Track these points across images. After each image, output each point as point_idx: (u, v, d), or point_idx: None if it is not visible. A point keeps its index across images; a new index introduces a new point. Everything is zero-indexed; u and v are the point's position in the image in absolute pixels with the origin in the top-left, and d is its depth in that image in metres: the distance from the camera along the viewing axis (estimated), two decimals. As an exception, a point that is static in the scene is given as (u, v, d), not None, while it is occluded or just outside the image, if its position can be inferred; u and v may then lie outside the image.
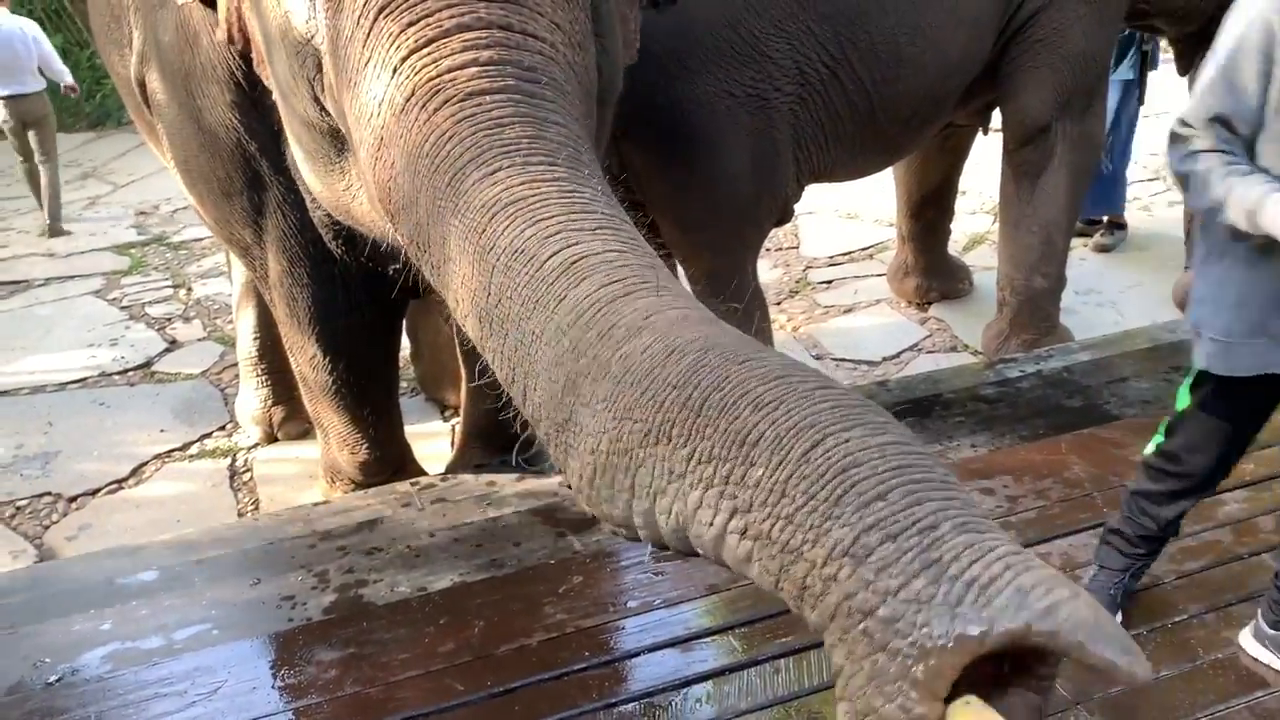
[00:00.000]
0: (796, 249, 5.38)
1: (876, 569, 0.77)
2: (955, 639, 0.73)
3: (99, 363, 4.43)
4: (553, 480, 2.61)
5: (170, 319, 4.92)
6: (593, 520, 1.05)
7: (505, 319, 1.08)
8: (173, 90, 2.19)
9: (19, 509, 3.36)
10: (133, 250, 6.04)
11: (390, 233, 1.40)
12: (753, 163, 2.95)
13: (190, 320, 4.90)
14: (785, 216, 3.25)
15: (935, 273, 4.51)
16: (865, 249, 5.31)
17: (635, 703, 1.94)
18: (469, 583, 2.28)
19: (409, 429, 2.96)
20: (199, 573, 2.36)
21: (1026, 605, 0.72)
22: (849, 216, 5.76)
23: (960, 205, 4.65)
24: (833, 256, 5.25)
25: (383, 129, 1.27)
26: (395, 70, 1.25)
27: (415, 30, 1.25)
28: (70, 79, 6.90)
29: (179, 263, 5.78)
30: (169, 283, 5.44)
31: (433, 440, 3.54)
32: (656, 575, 2.26)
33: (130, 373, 4.34)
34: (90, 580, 2.34)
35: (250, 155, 2.17)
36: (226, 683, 2.02)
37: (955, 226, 4.61)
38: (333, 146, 1.63)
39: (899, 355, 4.13)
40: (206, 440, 3.75)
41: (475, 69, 1.22)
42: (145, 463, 3.60)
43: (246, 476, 3.51)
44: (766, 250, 5.10)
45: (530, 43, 1.27)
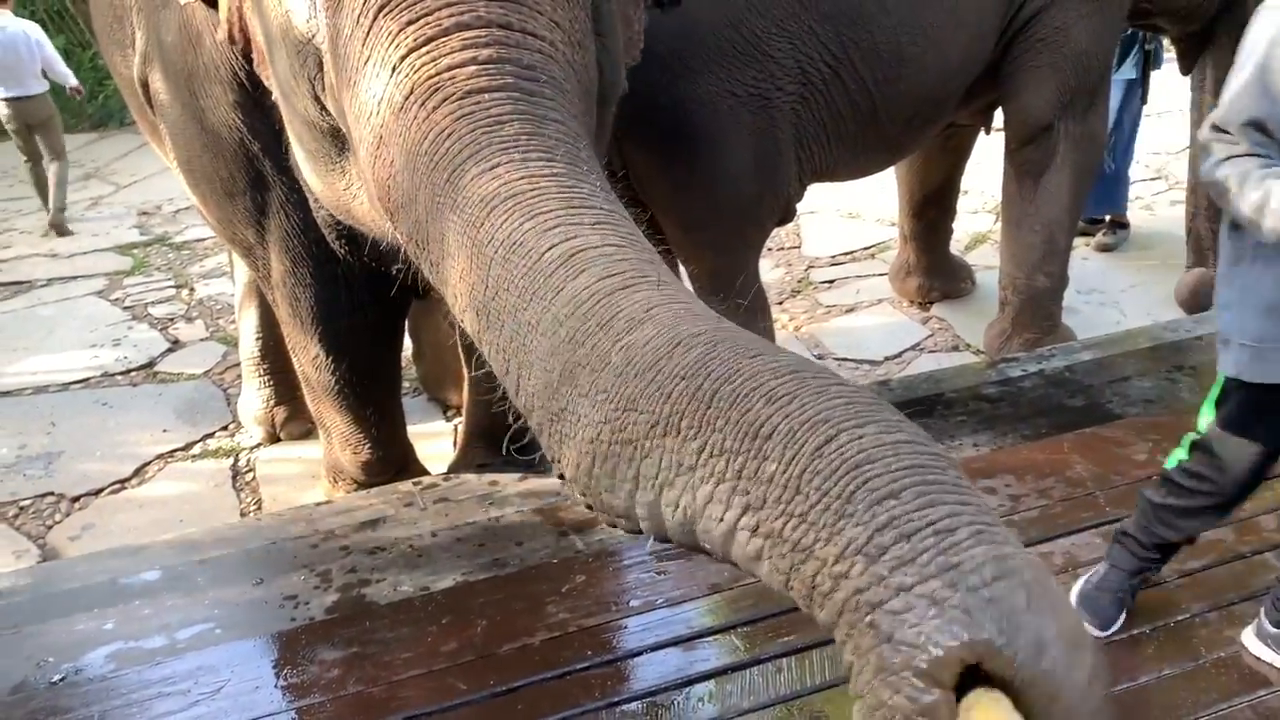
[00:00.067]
0: (798, 248, 5.37)
1: (891, 566, 0.76)
2: (965, 641, 0.73)
3: (102, 363, 4.43)
4: (555, 480, 2.60)
5: (173, 319, 4.93)
6: (595, 520, 1.05)
7: (502, 311, 1.08)
8: (175, 90, 2.19)
9: (22, 509, 3.37)
10: (135, 250, 6.05)
11: (390, 232, 1.40)
12: (755, 162, 2.95)
13: (193, 320, 4.90)
14: (787, 216, 3.25)
15: (937, 272, 4.51)
16: (867, 248, 5.31)
17: (638, 702, 1.94)
18: (471, 582, 2.28)
19: (411, 429, 2.96)
20: (202, 572, 2.36)
21: (1045, 650, 0.73)
22: (851, 216, 5.76)
23: (962, 204, 4.65)
24: (835, 256, 5.25)
25: (382, 127, 1.27)
26: (394, 68, 1.25)
27: (415, 29, 1.25)
28: (74, 81, 6.88)
29: (181, 263, 5.78)
30: (171, 283, 5.45)
31: (435, 440, 3.55)
32: (659, 574, 2.26)
33: (133, 373, 4.34)
34: (93, 580, 2.34)
35: (253, 155, 2.17)
36: (229, 682, 2.02)
37: (957, 226, 4.61)
38: (333, 146, 1.63)
39: (901, 355, 4.13)
40: (209, 440, 3.76)
41: (474, 67, 1.22)
42: (148, 463, 3.60)
43: (249, 476, 3.51)
44: (768, 250, 5.10)
45: (530, 41, 1.27)
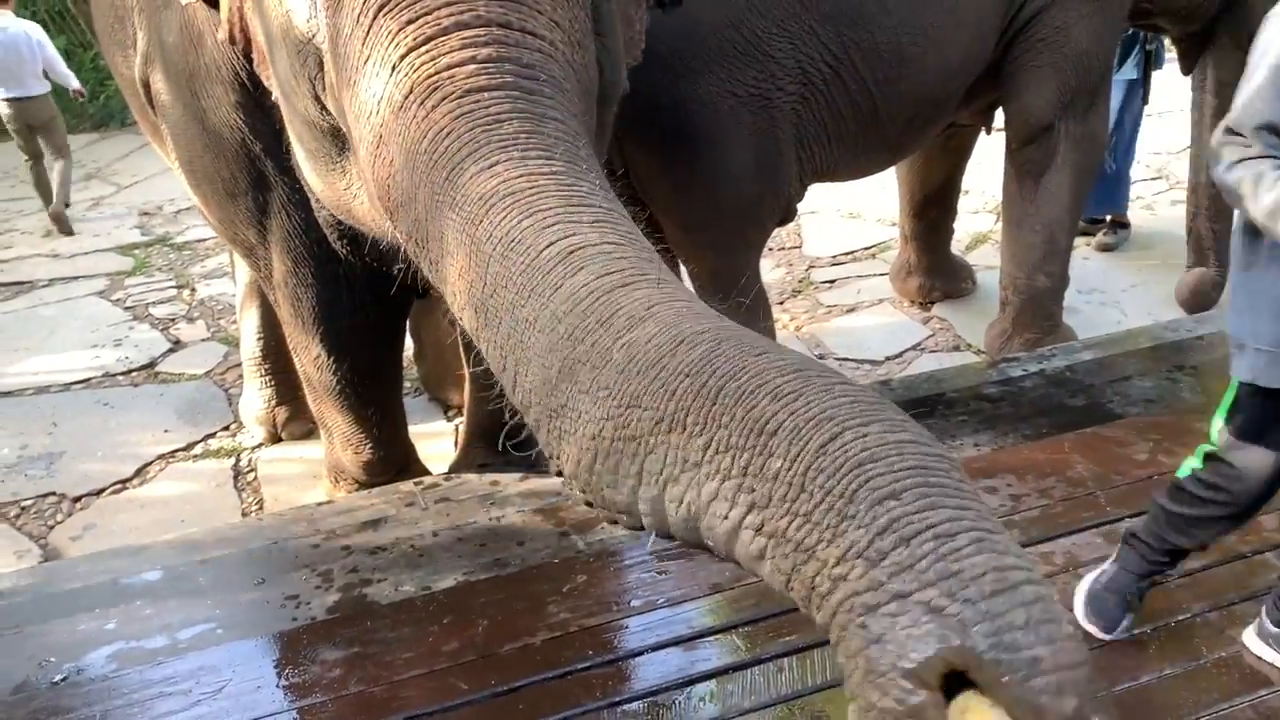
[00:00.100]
0: (799, 248, 5.37)
1: (890, 572, 0.76)
2: (955, 647, 0.73)
3: (103, 363, 4.43)
4: (556, 480, 2.61)
5: (174, 319, 4.93)
6: (596, 520, 1.05)
7: (499, 308, 1.08)
8: (177, 91, 2.19)
9: (24, 509, 3.37)
10: (137, 251, 6.05)
11: (390, 231, 1.40)
12: (756, 162, 2.95)
13: (194, 321, 4.90)
14: (788, 216, 3.25)
15: (938, 272, 4.51)
16: (868, 248, 5.31)
17: (639, 701, 1.94)
18: (473, 582, 2.28)
19: (412, 429, 2.96)
20: (203, 572, 2.36)
21: (1037, 672, 0.72)
22: (851, 216, 5.76)
23: (963, 204, 4.65)
24: (835, 256, 5.25)
25: (381, 126, 1.27)
26: (394, 68, 1.26)
27: (414, 28, 1.25)
28: (76, 83, 6.89)
29: (183, 263, 5.78)
30: (173, 283, 5.45)
31: (436, 440, 3.55)
32: (660, 574, 2.26)
33: (134, 373, 4.35)
34: (95, 580, 2.34)
35: (255, 156, 2.17)
36: (231, 682, 2.02)
37: (958, 226, 4.61)
38: (334, 146, 1.63)
39: (902, 355, 4.13)
40: (210, 440, 3.76)
41: (474, 66, 1.22)
42: (149, 463, 3.60)
43: (250, 476, 3.51)
44: (769, 250, 5.10)
45: (529, 40, 1.27)
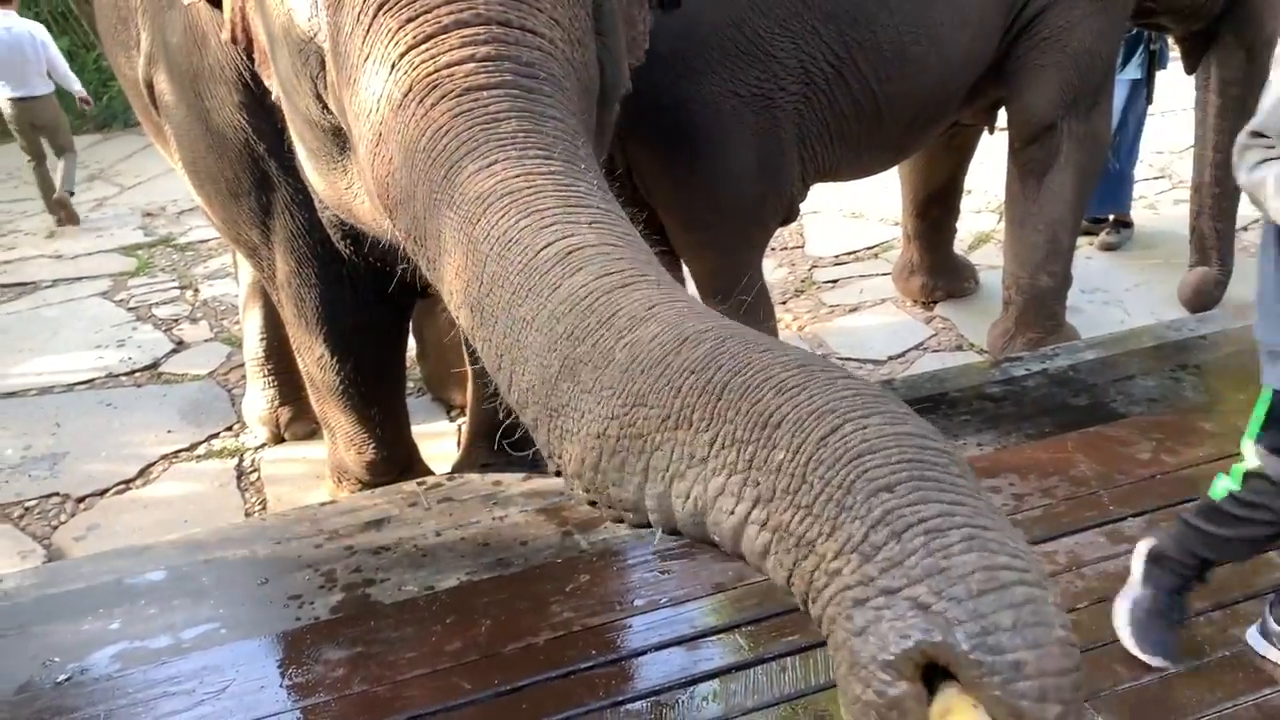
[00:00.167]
0: (802, 248, 5.37)
1: (881, 568, 0.76)
2: (938, 643, 0.73)
3: (106, 364, 4.44)
4: (559, 480, 2.61)
5: (177, 320, 4.93)
6: (599, 519, 1.05)
7: (496, 306, 1.08)
8: (180, 91, 2.20)
9: (27, 509, 3.38)
10: (140, 251, 6.06)
11: (389, 229, 1.40)
12: (758, 162, 2.95)
13: (197, 321, 4.91)
14: (790, 216, 3.25)
15: (941, 271, 4.51)
16: (870, 248, 5.30)
17: (642, 701, 1.94)
18: (476, 582, 2.28)
19: (415, 429, 2.96)
20: (207, 572, 2.36)
21: (1021, 676, 0.72)
22: (854, 215, 5.75)
23: (966, 204, 4.65)
24: (838, 255, 5.24)
25: (381, 124, 1.28)
26: (394, 66, 1.26)
27: (414, 26, 1.25)
28: (79, 85, 6.91)
29: (186, 264, 5.79)
30: (176, 284, 5.46)
31: (439, 440, 3.55)
32: (663, 574, 2.26)
33: (137, 374, 4.35)
34: (98, 580, 2.35)
35: (258, 156, 2.17)
36: (234, 681, 2.02)
37: (961, 225, 4.60)
38: (335, 145, 1.63)
39: (904, 354, 4.12)
40: (214, 441, 3.76)
41: (473, 64, 1.22)
42: (153, 463, 3.61)
43: (254, 477, 3.51)
44: (771, 249, 5.10)
45: (528, 38, 1.27)
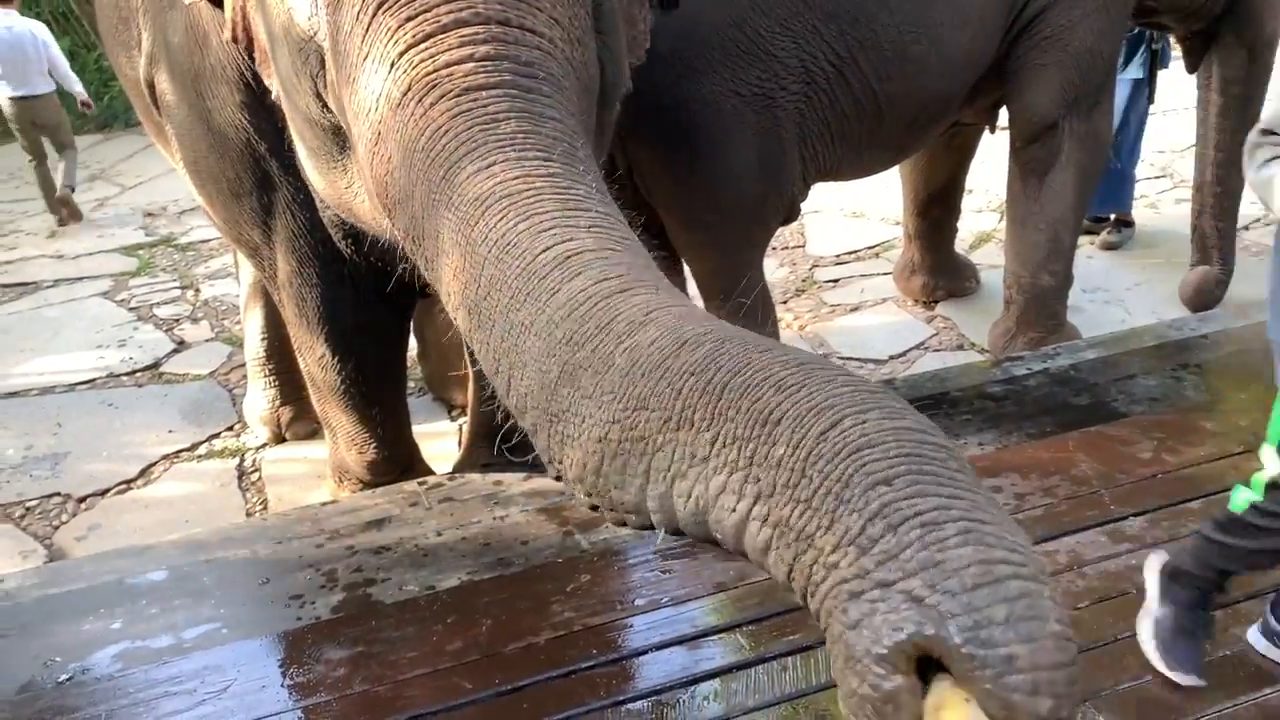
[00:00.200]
0: (803, 248, 5.37)
1: (877, 560, 0.77)
2: (931, 635, 0.73)
3: (107, 364, 4.44)
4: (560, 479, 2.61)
5: (178, 320, 4.93)
6: (600, 519, 1.05)
7: (494, 310, 1.08)
8: (182, 91, 2.20)
9: (29, 509, 3.38)
10: (141, 251, 6.06)
11: (389, 228, 1.40)
12: (759, 162, 2.95)
13: (198, 321, 4.91)
14: (791, 215, 3.25)
15: (942, 271, 4.50)
16: (871, 247, 5.30)
17: (643, 700, 1.94)
18: (476, 581, 2.28)
19: (416, 429, 2.96)
20: (208, 572, 2.37)
21: (1013, 670, 0.72)
22: (855, 215, 5.75)
23: (967, 203, 4.64)
24: (839, 255, 5.24)
25: (380, 123, 1.28)
26: (393, 65, 1.26)
27: (413, 25, 1.25)
28: (80, 86, 6.93)
29: (187, 264, 5.79)
30: (177, 284, 5.46)
31: (440, 440, 3.55)
32: (664, 573, 2.26)
33: (138, 374, 4.35)
34: (100, 580, 2.35)
35: (260, 156, 2.17)
36: (236, 681, 2.03)
37: (962, 224, 4.60)
38: (335, 144, 1.63)
39: (906, 354, 4.12)
40: (215, 440, 3.77)
41: (472, 64, 1.22)
42: (154, 463, 3.61)
43: (255, 476, 3.52)
44: (773, 249, 5.10)
45: (528, 38, 1.27)
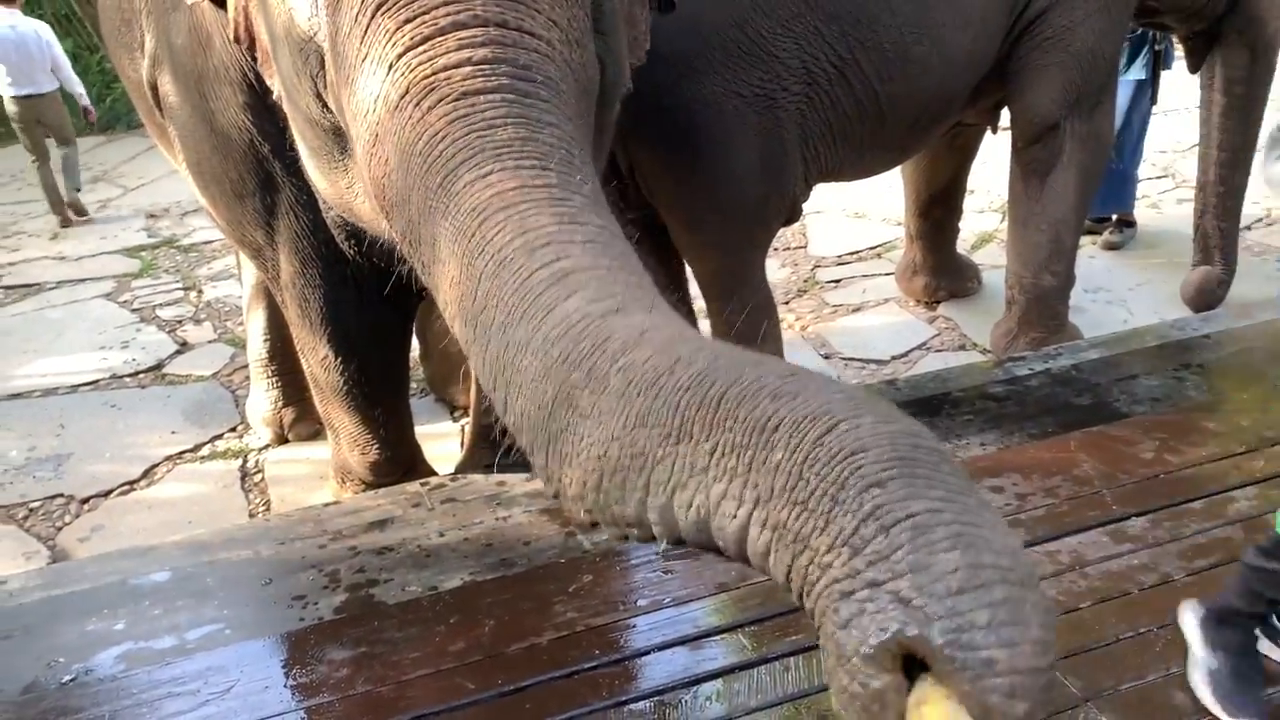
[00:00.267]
0: (804, 248, 5.38)
1: (869, 561, 0.78)
2: (915, 635, 0.75)
3: (110, 365, 4.45)
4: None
5: (181, 321, 4.94)
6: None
7: (490, 326, 1.09)
8: (185, 93, 2.20)
9: (32, 510, 3.39)
10: (143, 253, 6.07)
11: (386, 229, 1.41)
12: (761, 162, 2.95)
13: (201, 322, 4.92)
14: (793, 216, 3.25)
15: (943, 271, 4.51)
16: (873, 248, 5.31)
17: (645, 701, 1.94)
18: (479, 582, 2.29)
19: (418, 429, 2.97)
20: (211, 573, 2.37)
21: (992, 673, 0.74)
22: (857, 215, 5.76)
23: (968, 204, 4.65)
24: (841, 255, 5.25)
25: (377, 125, 1.28)
26: (391, 67, 1.26)
27: (411, 27, 1.26)
28: (81, 89, 6.99)
29: (189, 265, 5.80)
30: (179, 285, 5.47)
31: (442, 441, 3.55)
32: (666, 574, 2.26)
33: (141, 375, 4.36)
34: (103, 581, 2.35)
35: (263, 157, 2.18)
36: (239, 682, 2.03)
37: (964, 225, 4.61)
38: (336, 144, 1.64)
39: (908, 354, 4.13)
40: (218, 442, 3.77)
41: (470, 68, 1.22)
42: (157, 464, 3.62)
43: (258, 477, 3.52)
44: (774, 250, 5.10)
45: (526, 40, 1.27)
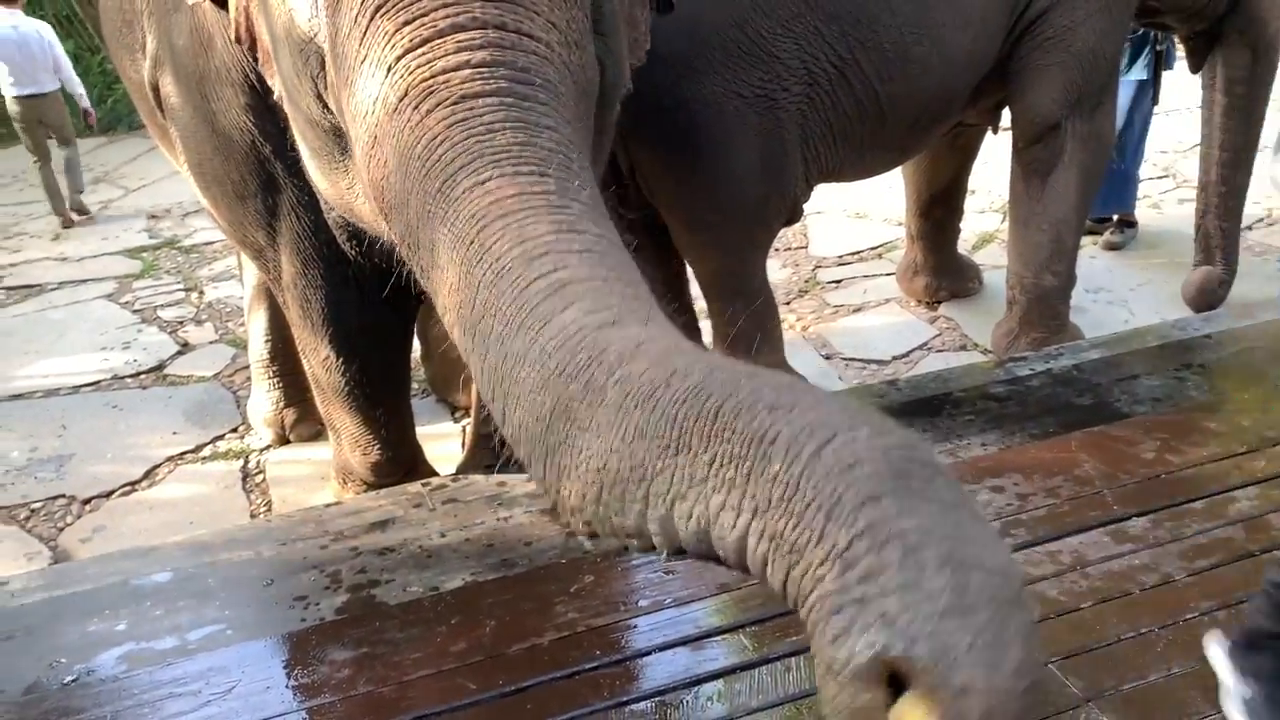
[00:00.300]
0: (805, 249, 5.37)
1: (859, 577, 0.80)
2: (898, 654, 0.77)
3: (112, 366, 4.45)
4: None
5: (182, 322, 4.95)
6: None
7: (488, 335, 1.09)
8: (187, 94, 2.20)
9: (33, 511, 3.39)
10: (144, 254, 6.07)
11: (385, 230, 1.41)
12: (761, 163, 2.95)
13: (202, 323, 4.92)
14: (794, 216, 3.25)
15: (945, 271, 4.50)
16: (874, 248, 5.30)
17: (647, 701, 1.94)
18: (480, 582, 2.29)
19: (420, 430, 2.97)
20: (212, 574, 2.37)
21: (970, 695, 0.76)
22: (858, 216, 5.75)
23: (969, 204, 4.65)
24: (842, 256, 5.25)
25: (377, 127, 1.28)
26: (390, 69, 1.26)
27: (410, 29, 1.26)
28: (82, 90, 7.00)
29: (191, 266, 5.80)
30: (181, 286, 5.47)
31: (443, 441, 3.55)
32: (667, 574, 2.26)
33: (143, 375, 4.36)
34: (105, 582, 2.35)
35: (264, 158, 2.18)
36: (240, 682, 2.03)
37: (964, 225, 4.60)
38: (336, 145, 1.64)
39: (909, 354, 4.13)
40: (219, 442, 3.78)
41: (468, 70, 1.22)
42: (158, 465, 3.62)
43: (259, 478, 3.53)
44: (775, 250, 5.10)
45: (525, 42, 1.27)
